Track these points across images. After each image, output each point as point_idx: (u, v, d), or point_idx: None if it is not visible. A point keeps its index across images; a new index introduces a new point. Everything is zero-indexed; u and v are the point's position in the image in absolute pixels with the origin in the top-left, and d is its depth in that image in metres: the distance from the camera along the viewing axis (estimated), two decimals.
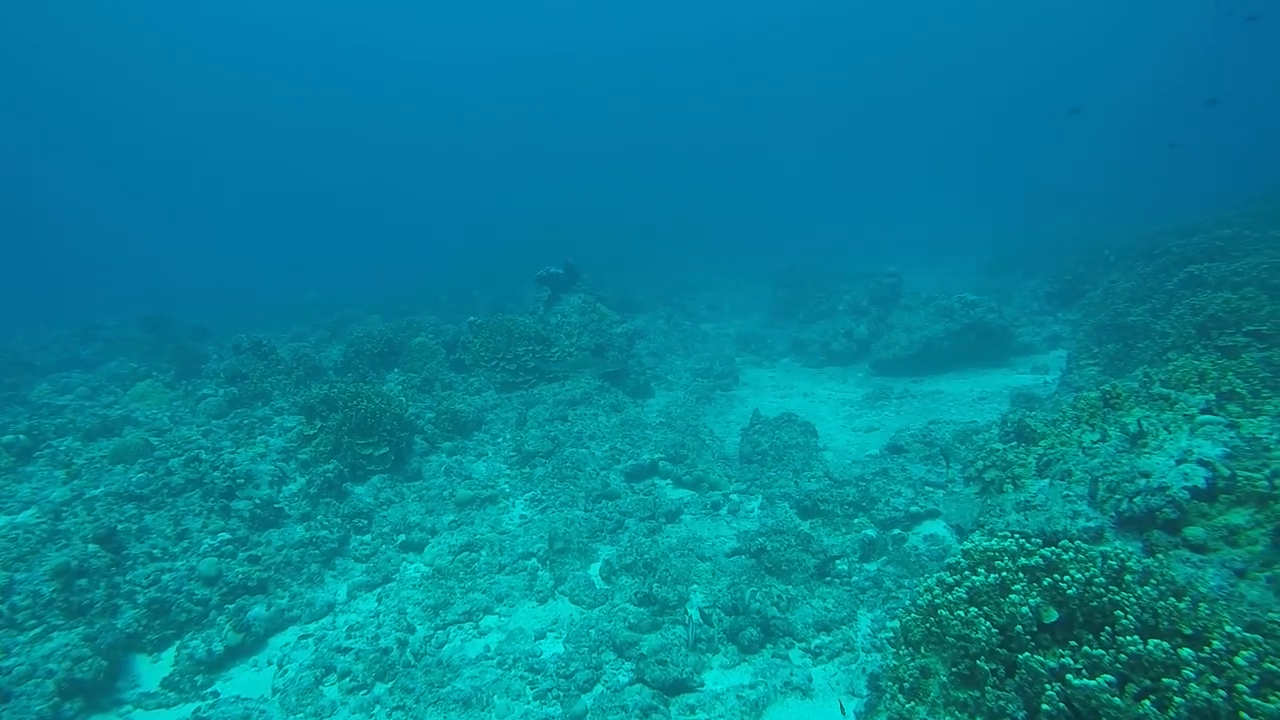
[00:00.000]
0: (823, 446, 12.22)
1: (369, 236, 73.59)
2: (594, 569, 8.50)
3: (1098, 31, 76.08)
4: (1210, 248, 15.38)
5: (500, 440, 12.69)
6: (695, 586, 7.77)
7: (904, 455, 10.77)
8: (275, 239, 77.18)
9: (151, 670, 6.97)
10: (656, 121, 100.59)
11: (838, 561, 7.97)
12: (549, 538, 8.84)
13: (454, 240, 59.32)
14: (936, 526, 8.66)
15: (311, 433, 11.23)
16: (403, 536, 9.48)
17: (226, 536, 8.42)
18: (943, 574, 4.39)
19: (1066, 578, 3.83)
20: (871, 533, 8.46)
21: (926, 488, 9.45)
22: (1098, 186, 38.77)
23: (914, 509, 8.78)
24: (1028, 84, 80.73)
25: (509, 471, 11.59)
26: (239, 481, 9.38)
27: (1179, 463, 4.62)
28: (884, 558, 8.17)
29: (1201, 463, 4.50)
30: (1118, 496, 4.67)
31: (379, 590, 8.41)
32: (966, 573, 4.20)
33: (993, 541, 4.25)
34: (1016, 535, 4.27)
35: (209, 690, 6.77)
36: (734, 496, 10.32)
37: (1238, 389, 5.59)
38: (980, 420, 12.12)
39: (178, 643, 7.24)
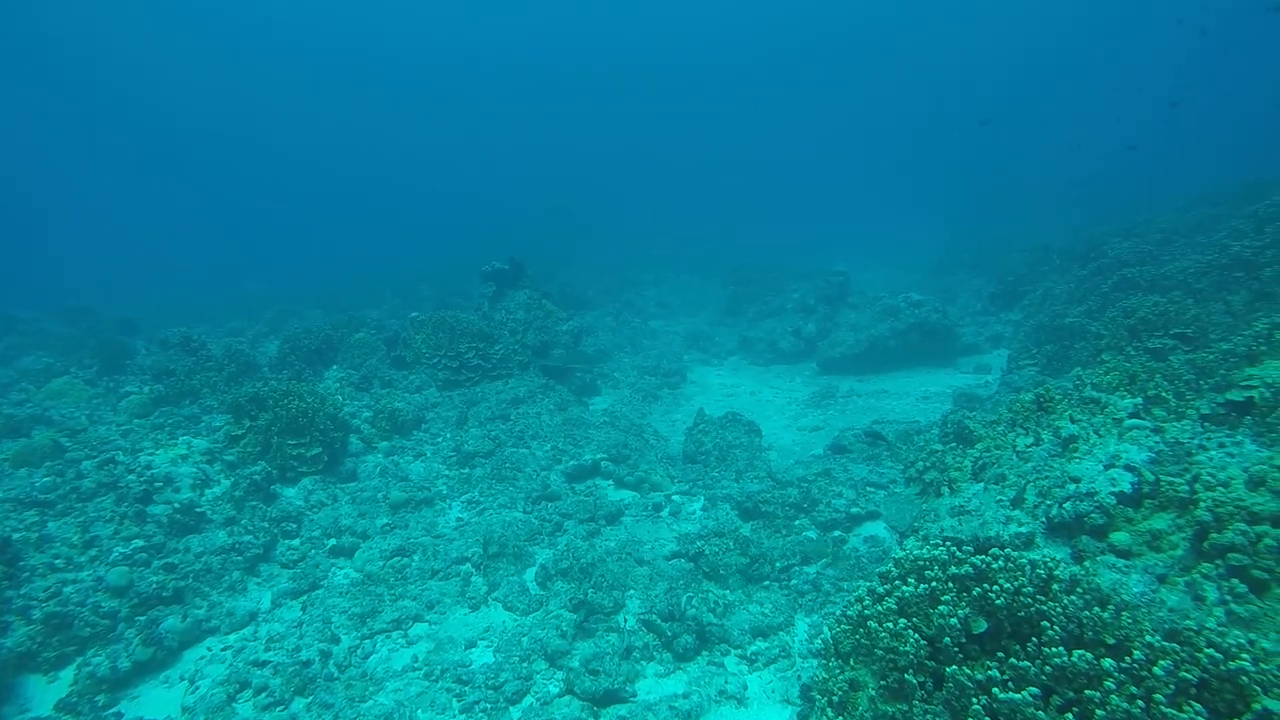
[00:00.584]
0: (767, 446, 12.18)
1: (326, 230, 71.73)
2: (529, 574, 8.27)
3: (1065, 35, 77.02)
4: (1142, 252, 15.81)
5: (440, 440, 12.34)
6: (632, 592, 7.60)
7: (847, 455, 10.77)
8: (225, 230, 74.60)
9: (47, 692, 6.49)
10: (615, 119, 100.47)
11: (777, 564, 7.89)
12: (484, 541, 8.58)
13: (411, 235, 58.20)
14: (877, 528, 8.64)
15: (239, 433, 10.74)
16: (333, 541, 9.10)
17: (140, 544, 7.94)
18: (874, 583, 4.29)
19: (995, 588, 3.77)
20: (812, 534, 8.41)
21: (868, 488, 9.43)
22: (1061, 188, 39.59)
23: (855, 510, 8.74)
24: (997, 84, 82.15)
25: (448, 472, 11.26)
26: (157, 485, 8.88)
27: (1107, 468, 4.61)
28: (824, 560, 8.11)
29: (1128, 468, 4.50)
30: (1048, 502, 4.65)
31: (305, 598, 8.03)
32: (897, 582, 4.11)
33: (924, 550, 4.17)
34: (948, 543, 4.20)
35: (111, 711, 6.34)
36: (676, 498, 10.18)
37: (1164, 394, 5.64)
38: (923, 420, 12.23)
39: (79, 660, 6.77)
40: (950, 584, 3.94)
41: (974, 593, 3.87)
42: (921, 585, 3.94)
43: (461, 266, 30.32)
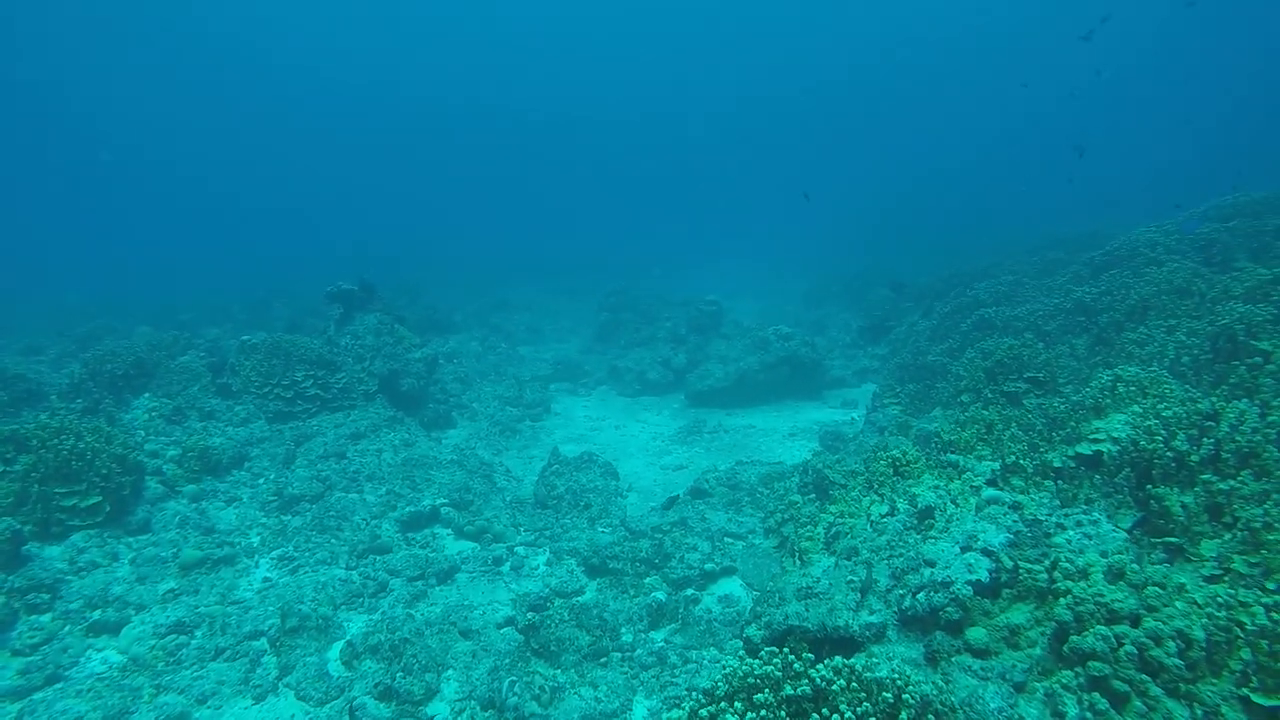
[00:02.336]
0: (627, 487, 11.43)
1: (203, 236, 66.15)
2: (335, 650, 7.06)
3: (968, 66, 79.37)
4: (998, 292, 16.30)
5: (261, 482, 10.88)
6: (451, 673, 6.57)
7: (707, 500, 10.15)
8: (94, 231, 67.15)
9: None
10: (503, 142, 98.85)
11: (622, 630, 7.09)
12: (281, 612, 7.30)
13: (296, 247, 54.39)
14: (733, 585, 8.01)
15: None
16: (97, 614, 7.55)
17: None
18: (697, 701, 3.51)
19: (835, 717, 3.07)
20: (661, 596, 7.66)
21: (726, 539, 8.82)
22: (951, 224, 40.81)
23: (709, 566, 8.09)
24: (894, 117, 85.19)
25: (264, 520, 9.85)
26: None
27: (964, 550, 4.11)
28: (674, 624, 7.37)
29: (985, 552, 4.01)
30: (901, 590, 4.09)
31: (29, 700, 6.46)
32: (723, 704, 3.35)
33: (756, 664, 3.44)
34: (785, 653, 3.50)
35: None
36: (520, 550, 9.22)
37: (1021, 460, 5.26)
38: (788, 460, 11.86)
39: None
40: (783, 710, 3.22)
41: (812, 719, 3.16)
42: (750, 714, 3.20)
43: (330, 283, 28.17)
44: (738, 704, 3.29)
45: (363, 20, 75.49)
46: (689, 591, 7.89)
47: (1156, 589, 3.37)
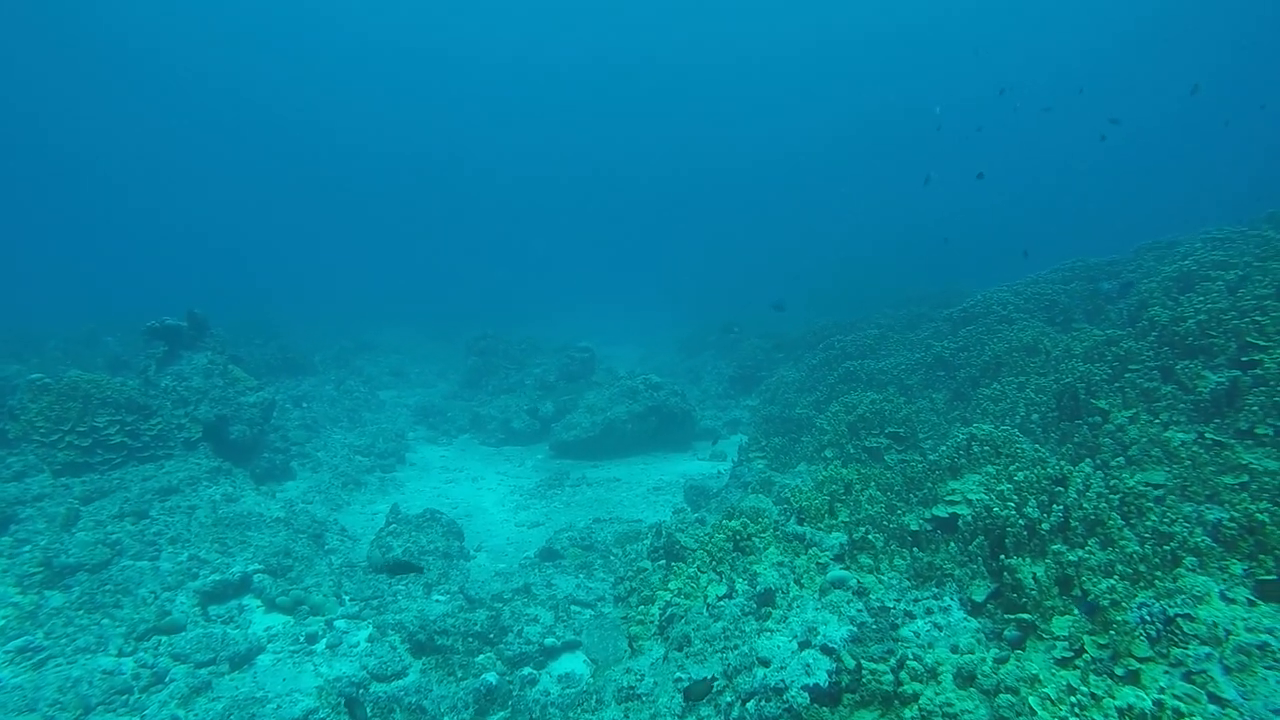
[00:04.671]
0: (476, 547, 10.44)
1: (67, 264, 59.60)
2: None
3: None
4: (864, 345, 16.55)
5: (26, 549, 9.14)
6: None
7: (558, 562, 9.32)
8: None
9: None
10: (392, 183, 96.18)
11: None
12: None
13: (158, 283, 49.63)
14: (575, 662, 7.20)
15: None
16: None
17: None
18: None
19: None
20: (492, 678, 6.73)
21: (573, 607, 8.02)
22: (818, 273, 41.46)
23: (550, 640, 7.26)
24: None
25: (18, 599, 8.19)
26: None
27: (802, 646, 3.57)
28: (504, 713, 6.46)
29: (825, 649, 3.48)
30: (730, 697, 3.46)
31: None
32: None
33: None
34: None
35: None
36: (340, 624, 8.06)
37: (870, 535, 4.82)
38: (649, 518, 11.23)
39: None
40: None
41: None
42: None
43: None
44: None
45: (246, 48, 71.92)
46: (526, 670, 7.02)
47: (1009, 696, 2.90)
